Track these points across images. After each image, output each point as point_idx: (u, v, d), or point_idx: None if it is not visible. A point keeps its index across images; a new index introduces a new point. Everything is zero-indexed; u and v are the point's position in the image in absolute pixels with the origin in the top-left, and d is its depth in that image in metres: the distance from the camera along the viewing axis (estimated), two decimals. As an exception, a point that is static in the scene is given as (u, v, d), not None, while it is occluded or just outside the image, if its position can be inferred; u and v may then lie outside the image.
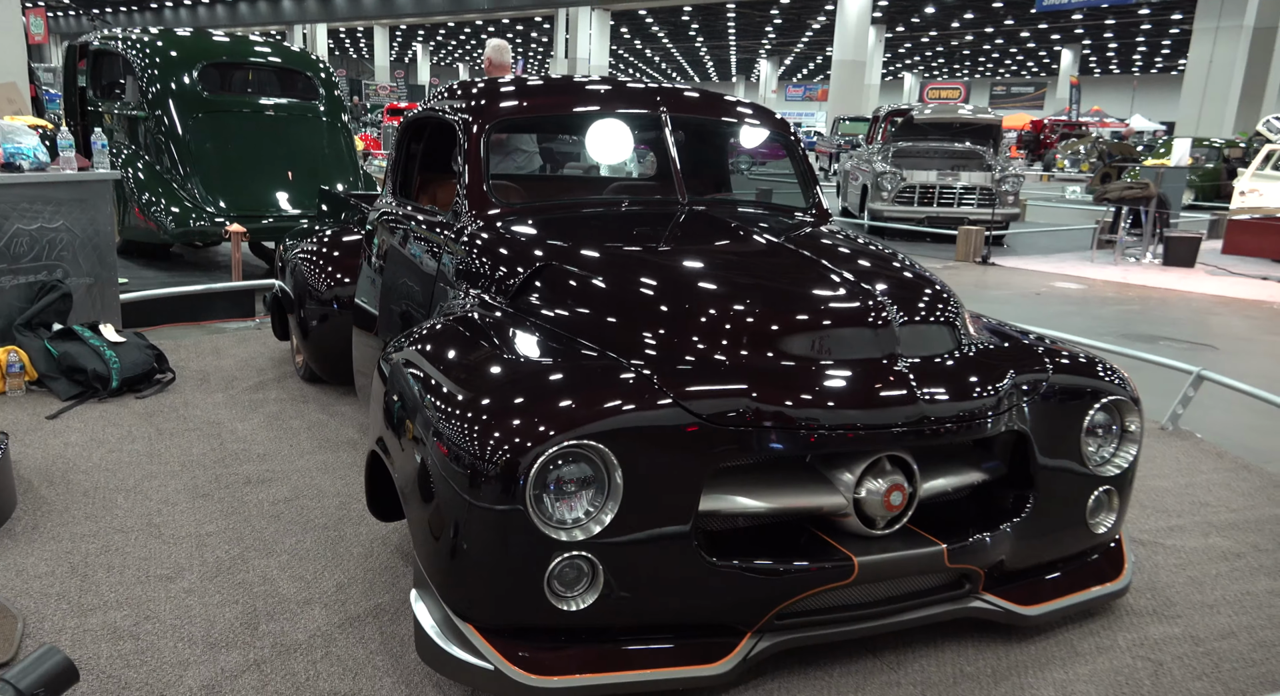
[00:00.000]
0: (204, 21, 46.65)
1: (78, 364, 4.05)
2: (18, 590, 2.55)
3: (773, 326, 2.36)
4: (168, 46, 6.85)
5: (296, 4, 41.29)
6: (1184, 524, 3.42)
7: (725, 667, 2.21)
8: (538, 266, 2.71)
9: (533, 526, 2.02)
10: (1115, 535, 2.79)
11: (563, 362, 2.33)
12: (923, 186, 11.77)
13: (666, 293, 2.47)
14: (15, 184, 4.11)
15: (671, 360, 2.32)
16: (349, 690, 2.22)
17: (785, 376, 2.27)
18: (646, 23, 45.07)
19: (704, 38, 52.36)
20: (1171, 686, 2.40)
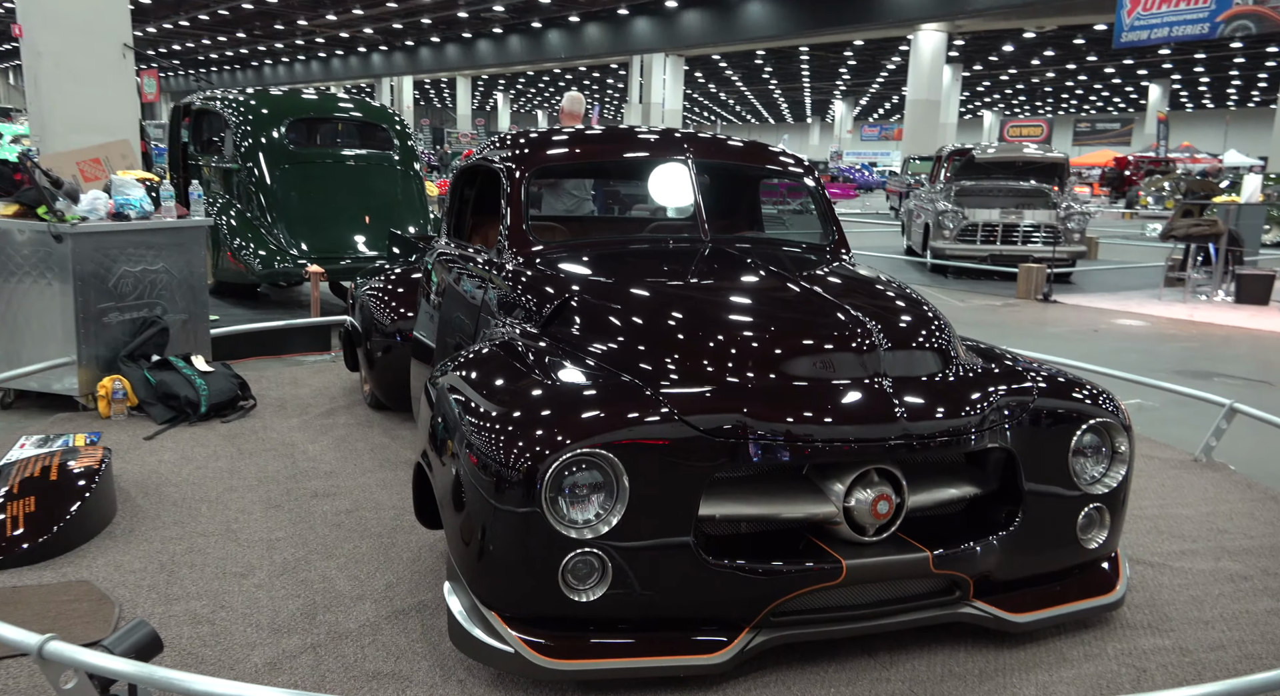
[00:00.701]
0: (300, 77, 49.12)
1: (172, 391, 4.51)
2: (115, 582, 2.94)
3: (766, 351, 2.62)
4: (259, 105, 7.50)
5: (385, 58, 43.21)
6: (1198, 548, 3.52)
7: (723, 659, 2.44)
8: (565, 298, 3.03)
9: (549, 526, 2.30)
10: (1110, 551, 2.94)
11: (580, 383, 2.62)
12: (985, 225, 11.84)
13: (674, 320, 2.76)
14: (123, 231, 4.62)
15: (676, 380, 2.60)
16: (391, 671, 2.52)
17: (776, 396, 2.53)
18: (720, 67, 45.80)
19: (778, 80, 52.89)
20: (1151, 691, 2.54)
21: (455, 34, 39.01)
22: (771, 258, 3.36)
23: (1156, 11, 19.82)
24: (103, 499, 3.31)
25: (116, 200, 4.77)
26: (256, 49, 45.74)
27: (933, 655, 2.70)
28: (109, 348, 4.60)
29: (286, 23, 38.49)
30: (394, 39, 40.79)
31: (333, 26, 38.44)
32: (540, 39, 36.48)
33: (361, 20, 36.84)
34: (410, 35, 40.06)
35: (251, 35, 41.62)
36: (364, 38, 40.99)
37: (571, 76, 49.65)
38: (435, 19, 36.01)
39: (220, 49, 46.85)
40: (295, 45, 44.18)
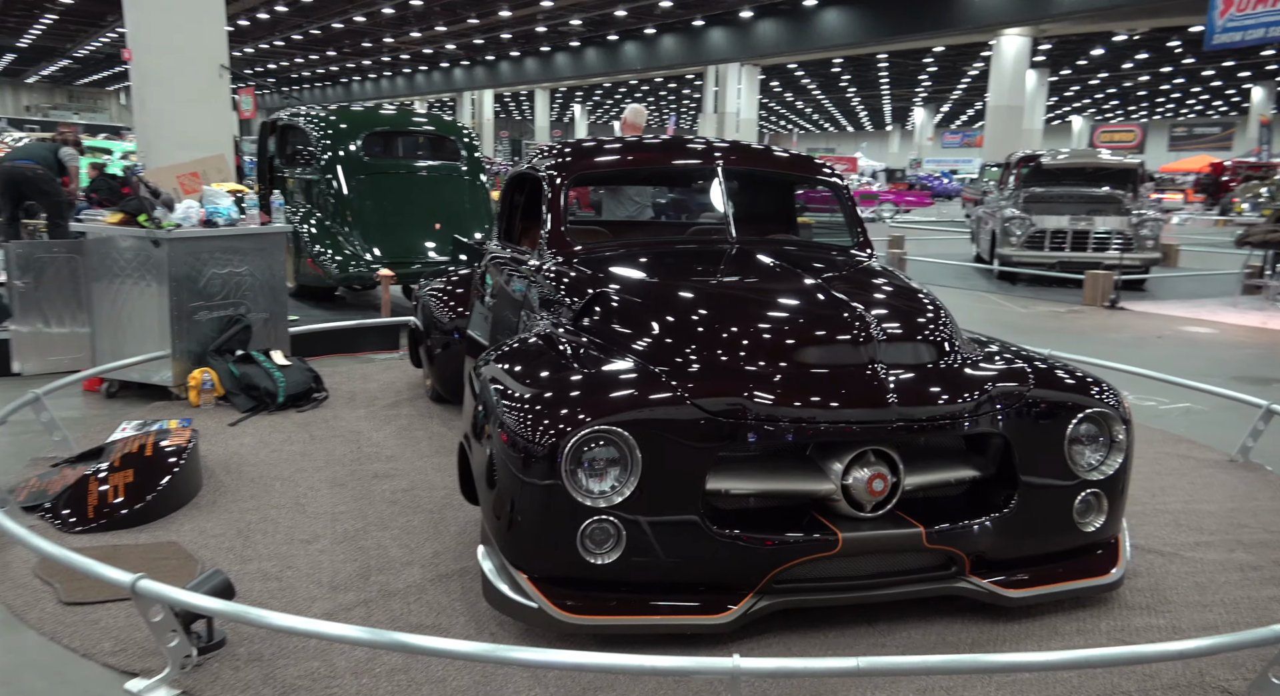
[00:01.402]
0: (386, 92, 50.74)
1: (253, 383, 4.94)
2: (199, 544, 3.32)
3: (771, 340, 2.87)
4: (339, 120, 8.01)
5: (466, 72, 44.38)
6: (1214, 540, 3.62)
7: (727, 619, 2.68)
8: (595, 295, 3.32)
9: (568, 496, 2.58)
10: (1109, 535, 3.08)
11: (601, 370, 2.90)
12: (1054, 232, 11.74)
13: (689, 314, 3.03)
14: (212, 237, 5.08)
15: (687, 366, 2.86)
16: (432, 623, 2.82)
17: (777, 381, 2.77)
18: (796, 75, 45.75)
19: (856, 87, 52.52)
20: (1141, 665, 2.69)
21: (534, 48, 39.87)
22: (790, 258, 3.59)
23: (1251, 12, 19.16)
24: (190, 474, 3.70)
25: (207, 209, 5.24)
26: (345, 66, 47.47)
27: (929, 625, 2.89)
28: (199, 343, 5.05)
29: (373, 40, 39.87)
30: (475, 54, 41.88)
31: (417, 43, 39.67)
32: (616, 51, 37.05)
33: (444, 36, 37.95)
34: (490, 50, 41.09)
35: (341, 53, 43.21)
36: (446, 53, 42.19)
37: (647, 87, 50.19)
38: (514, 34, 36.87)
39: (312, 67, 48.76)
40: (381, 62, 45.71)
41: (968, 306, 10.17)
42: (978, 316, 9.41)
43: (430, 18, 34.58)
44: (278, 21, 37.02)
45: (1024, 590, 2.92)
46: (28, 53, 49.24)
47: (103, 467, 3.56)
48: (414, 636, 2.34)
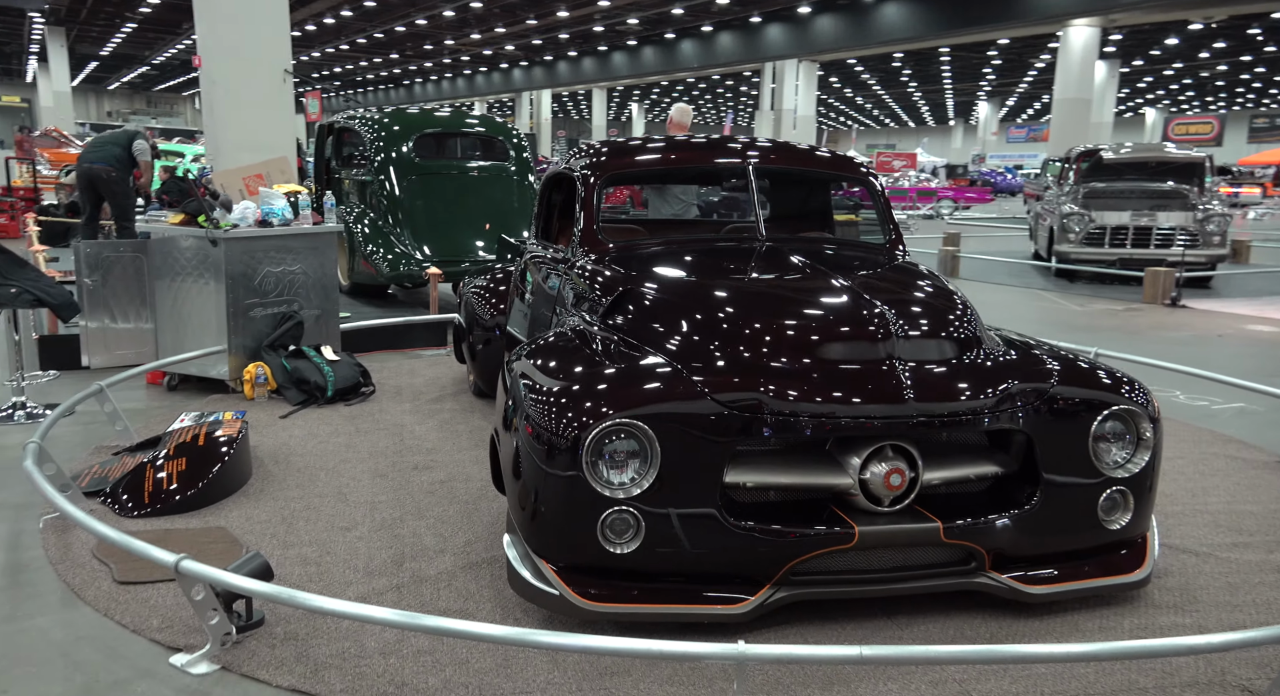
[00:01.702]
0: (447, 93, 51.50)
1: (304, 377, 5.13)
2: (245, 529, 3.48)
3: (790, 337, 2.92)
4: (391, 122, 8.22)
5: (525, 73, 44.82)
6: (1253, 541, 3.56)
7: (744, 610, 2.74)
8: (621, 292, 3.39)
9: (589, 486, 2.65)
10: (1136, 532, 3.06)
11: (625, 365, 2.98)
12: (1114, 228, 11.49)
13: (710, 310, 3.09)
14: (266, 236, 5.27)
15: (708, 362, 2.92)
16: (459, 608, 2.93)
17: (795, 377, 2.81)
18: (856, 71, 45.25)
19: (917, 82, 51.73)
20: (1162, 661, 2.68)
21: (591, 47, 40.10)
22: (817, 255, 3.62)
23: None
24: (239, 463, 3.88)
25: (263, 209, 5.44)
26: (408, 68, 48.30)
27: (949, 619, 2.91)
28: (254, 338, 5.25)
29: (435, 42, 40.49)
30: (533, 54, 42.27)
31: (476, 44, 40.17)
32: (673, 49, 37.07)
33: (503, 38, 38.37)
34: (549, 50, 41.43)
35: (404, 55, 43.98)
36: (505, 54, 42.65)
37: (705, 85, 50.10)
38: (572, 34, 37.13)
39: (376, 69, 49.70)
40: (442, 64, 46.38)
41: (1021, 304, 10.02)
42: (1030, 314, 9.28)
43: (490, 19, 34.99)
44: (343, 26, 37.80)
45: (1046, 586, 2.92)
46: (109, 60, 51.10)
47: (159, 456, 3.75)
48: (437, 618, 2.44)
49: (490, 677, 2.54)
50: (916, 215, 24.10)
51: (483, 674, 2.56)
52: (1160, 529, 3.65)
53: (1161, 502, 3.94)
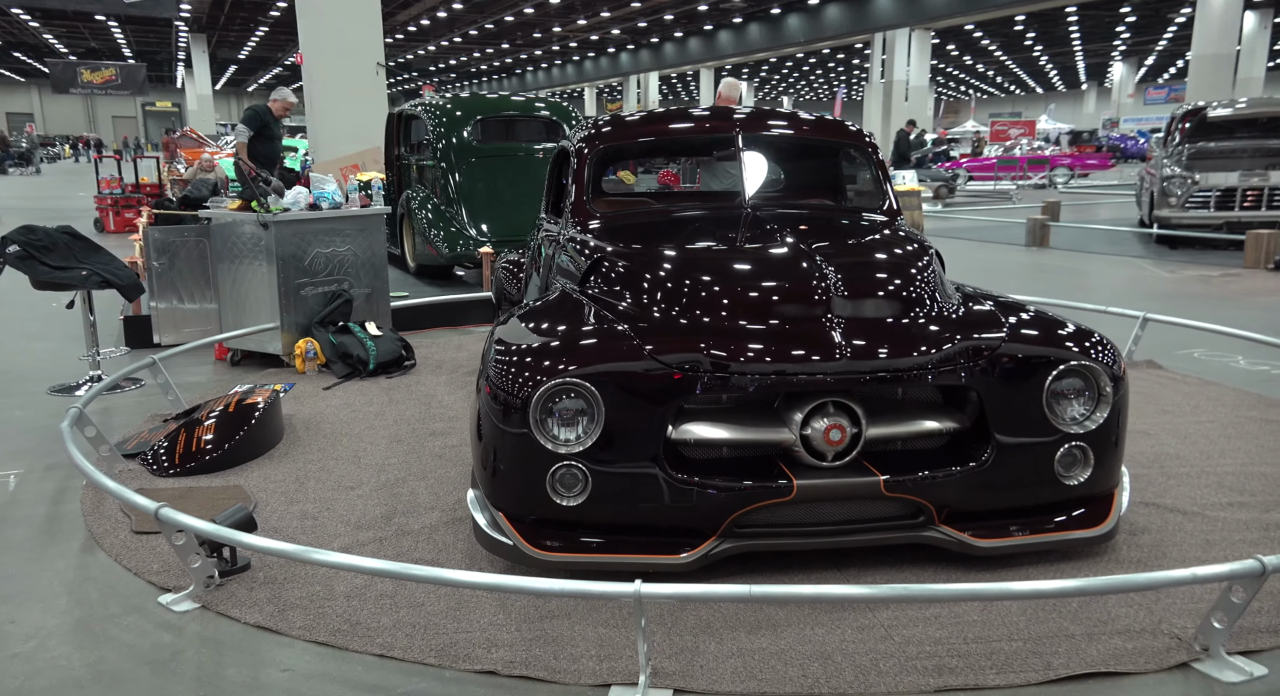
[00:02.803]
0: (556, 80, 52.26)
1: (348, 351, 5.45)
2: (260, 488, 3.78)
3: (734, 299, 3.00)
4: (453, 108, 8.52)
5: (632, 56, 45.04)
6: (1252, 501, 3.43)
7: (688, 560, 2.85)
8: (596, 260, 3.52)
9: (537, 443, 2.81)
10: (1100, 488, 3.01)
11: (581, 328, 3.11)
12: (1221, 189, 10.83)
13: (665, 276, 3.19)
14: (315, 219, 5.61)
15: (660, 324, 3.03)
16: (430, 559, 3.13)
17: (734, 337, 2.89)
18: (975, 37, 43.54)
19: (1043, 45, 49.34)
20: (1097, 609, 2.66)
21: (696, 27, 39.94)
22: (793, 221, 3.65)
23: None
24: (265, 429, 4.19)
25: (315, 193, 5.79)
26: (519, 57, 49.28)
27: (899, 573, 2.94)
28: (305, 315, 5.61)
29: (543, 30, 41.15)
30: (639, 37, 42.43)
31: (583, 30, 40.62)
32: (779, 25, 36.53)
33: (609, 22, 38.66)
34: (654, 32, 41.49)
35: (514, 45, 44.90)
36: (612, 38, 42.97)
37: (815, 60, 49.16)
38: (677, 14, 37.07)
39: (489, 60, 50.89)
40: (551, 51, 47.10)
41: (1106, 272, 9.61)
42: (1111, 282, 8.90)
43: (595, 4, 35.32)
44: (455, 19, 38.87)
45: (995, 540, 2.92)
46: (247, 63, 54.07)
47: (194, 422, 4.09)
48: (378, 561, 2.64)
49: (439, 619, 2.73)
50: (1027, 185, 23.12)
51: (433, 615, 2.75)
52: (1156, 488, 3.56)
53: (1170, 463, 3.82)
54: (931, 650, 2.53)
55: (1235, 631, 2.52)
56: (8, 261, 4.92)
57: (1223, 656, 2.41)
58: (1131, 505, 3.39)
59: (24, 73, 59.62)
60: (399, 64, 13.27)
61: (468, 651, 2.57)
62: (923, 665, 2.46)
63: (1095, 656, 2.46)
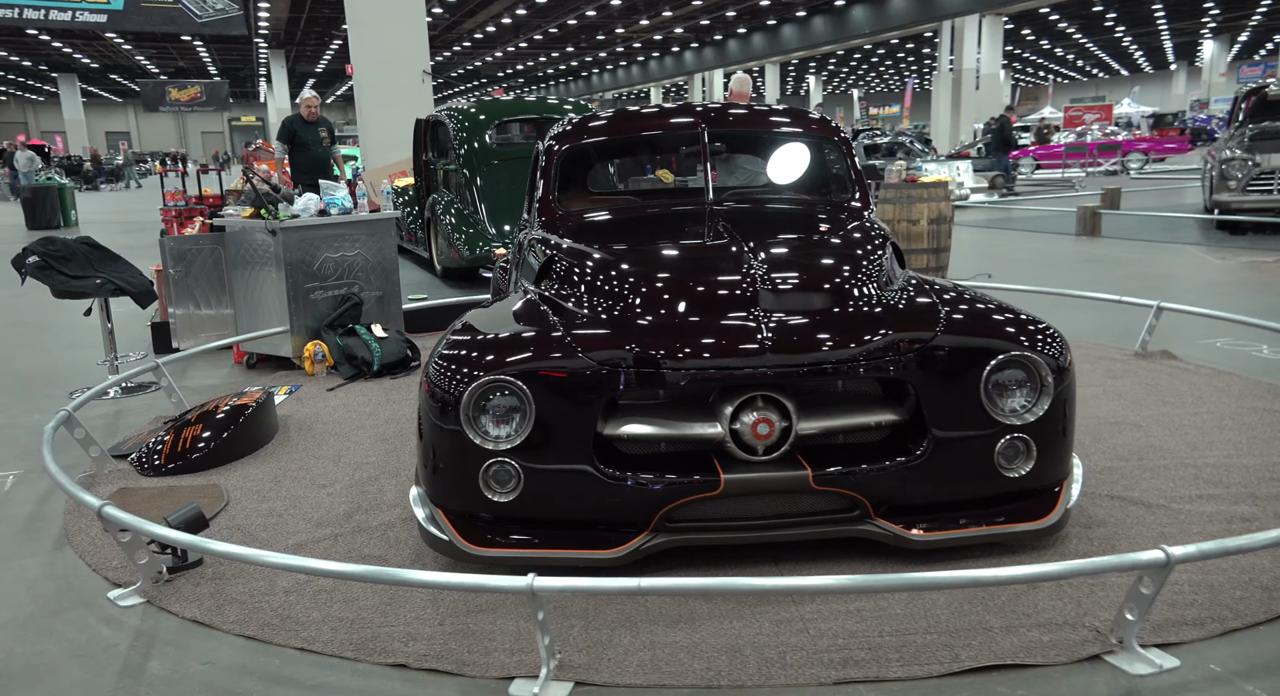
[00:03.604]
0: (622, 81, 52.47)
1: (354, 353, 5.58)
2: (236, 486, 3.89)
3: (666, 296, 3.03)
4: (477, 112, 8.64)
5: (696, 54, 44.97)
6: (1225, 494, 3.28)
7: (619, 554, 2.85)
8: (548, 259, 3.54)
9: (469, 440, 2.84)
10: (1045, 481, 2.92)
11: (519, 327, 3.13)
12: (1285, 170, 10.29)
13: (603, 273, 3.22)
14: (322, 225, 5.75)
15: (593, 322, 3.03)
16: (379, 555, 3.19)
17: (664, 334, 2.89)
18: (1051, 20, 42.21)
19: (1126, 26, 47.53)
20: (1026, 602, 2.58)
21: (760, 23, 39.64)
22: (745, 217, 3.62)
23: None
24: (255, 429, 4.31)
25: (325, 200, 5.94)
26: (584, 60, 49.64)
27: (835, 567, 2.91)
28: (314, 318, 5.75)
29: (607, 32, 41.37)
30: (702, 35, 42.31)
31: (646, 30, 40.68)
32: (844, 17, 36.01)
33: (671, 21, 38.65)
34: (717, 29, 41.34)
35: (578, 47, 45.25)
36: (675, 37, 42.95)
37: (883, 51, 48.30)
38: (739, 10, 36.88)
39: (555, 63, 51.38)
40: (616, 52, 47.32)
41: (1152, 260, 9.25)
42: (1152, 271, 8.56)
43: (657, 4, 35.38)
44: (520, 25, 39.38)
45: (931, 533, 2.86)
46: (324, 77, 55.69)
47: (183, 423, 4.25)
48: (306, 560, 2.70)
49: (369, 613, 2.78)
50: (1097, 172, 22.30)
51: (364, 610, 2.80)
52: (1127, 481, 3.43)
53: (1150, 456, 3.67)
54: (844, 643, 2.50)
55: (1163, 623, 2.44)
56: (29, 272, 5.17)
57: (1135, 649, 2.34)
58: (1095, 497, 3.28)
59: (120, 93, 62.45)
60: (437, 67, 13.31)
61: (386, 645, 2.62)
62: (829, 657, 2.43)
63: (1007, 648, 2.39)
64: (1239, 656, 2.33)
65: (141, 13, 21.74)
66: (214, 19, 21.62)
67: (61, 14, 22.11)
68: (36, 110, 65.12)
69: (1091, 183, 19.89)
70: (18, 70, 49.76)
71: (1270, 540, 2.33)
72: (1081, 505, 3.22)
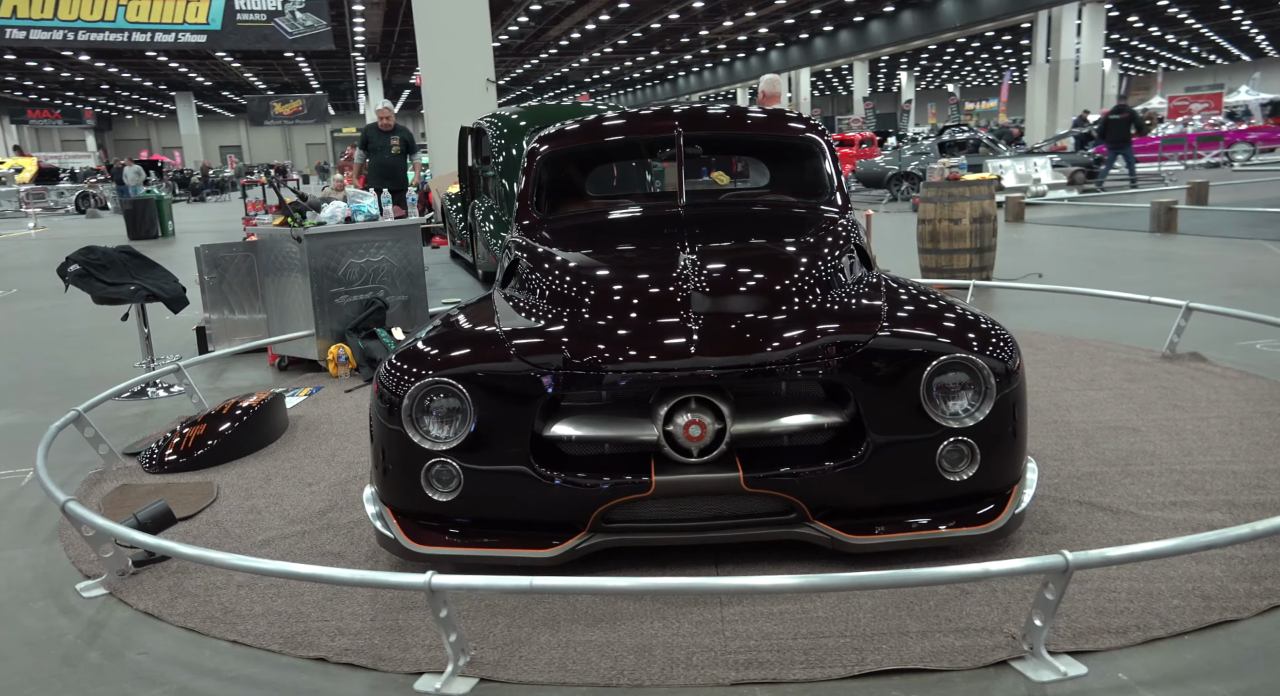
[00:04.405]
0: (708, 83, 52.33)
1: (374, 356, 5.72)
2: (229, 483, 4.03)
3: (605, 299, 3.05)
4: (517, 119, 8.75)
5: (782, 54, 44.54)
6: (1202, 501, 3.11)
7: (554, 554, 2.86)
8: (512, 261, 3.58)
9: (410, 440, 2.90)
10: (991, 485, 2.83)
11: (468, 329, 3.17)
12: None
13: (550, 277, 3.27)
14: (347, 232, 5.92)
15: (534, 324, 3.06)
16: (339, 551, 3.27)
17: (598, 337, 2.90)
18: (1159, 5, 40.34)
19: (1244, 9, 45.04)
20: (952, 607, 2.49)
21: (846, 20, 39.00)
22: (707, 220, 3.61)
23: None
24: (257, 429, 4.46)
25: (352, 207, 6.11)
26: (669, 63, 49.72)
27: (773, 569, 2.86)
28: (340, 322, 5.92)
29: (691, 34, 41.35)
30: (788, 34, 41.87)
31: (730, 31, 40.52)
32: (934, 10, 35.12)
33: (755, 21, 38.40)
34: (803, 27, 40.85)
35: (663, 51, 45.34)
36: (760, 38, 42.64)
37: (978, 44, 46.91)
38: (824, 8, 36.38)
39: (640, 68, 51.62)
40: (700, 54, 47.25)
41: (1219, 258, 8.79)
42: (1211, 269, 8.14)
43: (740, 5, 35.20)
44: (604, 30, 39.70)
45: (870, 537, 2.80)
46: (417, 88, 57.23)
47: (191, 423, 4.43)
48: (218, 554, 2.79)
49: (308, 608, 2.86)
50: (1198, 164, 21.15)
51: (305, 605, 2.88)
52: (1102, 487, 3.29)
53: (1138, 461, 3.49)
54: (755, 644, 2.48)
55: (1085, 630, 2.36)
56: (70, 279, 5.47)
57: (1043, 656, 2.27)
58: (1064, 503, 3.15)
59: (232, 109, 65.48)
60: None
61: (315, 639, 2.68)
62: (735, 659, 2.41)
63: (916, 653, 2.34)
64: (1152, 666, 2.21)
65: (237, 32, 22.75)
66: (303, 35, 22.47)
67: (166, 36, 23.34)
68: (158, 127, 68.80)
69: (1188, 176, 18.92)
70: (140, 90, 52.64)
71: (1172, 547, 2.22)
72: (1046, 510, 3.10)
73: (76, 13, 22.89)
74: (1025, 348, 5.47)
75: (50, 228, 22.49)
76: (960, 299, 6.21)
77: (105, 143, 62.80)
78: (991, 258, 7.54)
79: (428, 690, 2.42)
